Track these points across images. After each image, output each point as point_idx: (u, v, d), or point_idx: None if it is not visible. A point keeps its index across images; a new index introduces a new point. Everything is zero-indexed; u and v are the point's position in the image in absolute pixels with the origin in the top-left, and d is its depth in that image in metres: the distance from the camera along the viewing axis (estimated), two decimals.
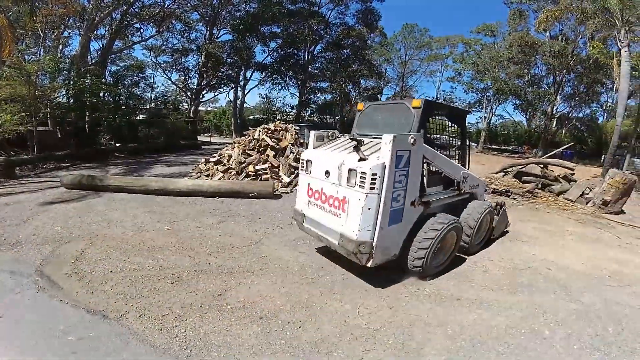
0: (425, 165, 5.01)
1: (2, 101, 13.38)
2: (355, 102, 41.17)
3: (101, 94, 19.46)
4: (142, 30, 26.20)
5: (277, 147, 10.83)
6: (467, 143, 6.39)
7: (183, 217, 7.05)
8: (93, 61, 21.29)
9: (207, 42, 29.76)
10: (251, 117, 40.53)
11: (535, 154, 30.38)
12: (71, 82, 17.33)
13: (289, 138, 11.13)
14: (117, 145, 19.30)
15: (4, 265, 4.67)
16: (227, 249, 5.43)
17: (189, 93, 31.79)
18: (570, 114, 36.61)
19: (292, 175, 10.17)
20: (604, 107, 39.39)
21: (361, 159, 4.12)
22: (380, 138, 4.17)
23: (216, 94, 36.02)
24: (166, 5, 24.64)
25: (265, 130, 11.41)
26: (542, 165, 13.31)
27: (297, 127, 13.08)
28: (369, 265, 4.23)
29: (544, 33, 30.95)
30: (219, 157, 11.27)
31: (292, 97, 38.45)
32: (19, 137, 14.21)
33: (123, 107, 20.67)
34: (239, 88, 34.62)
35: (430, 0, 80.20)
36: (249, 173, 9.97)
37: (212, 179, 10.22)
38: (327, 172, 4.53)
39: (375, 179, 3.96)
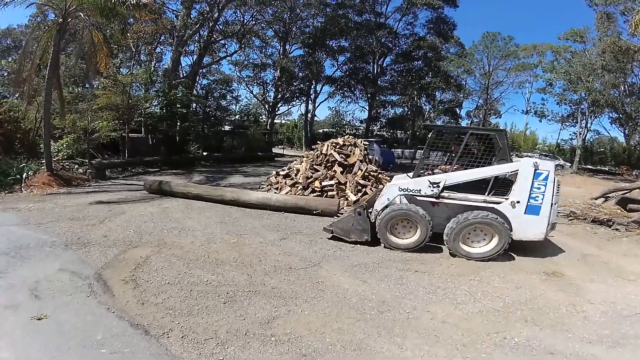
0: None
1: (99, 109, 15.16)
2: (429, 116, 39.58)
3: (192, 106, 21.21)
4: (226, 46, 28.87)
5: (345, 163, 10.62)
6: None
7: (249, 231, 7.15)
8: (185, 75, 23.41)
9: (281, 57, 31.19)
10: (320, 131, 41.12)
11: (637, 176, 26.07)
12: (163, 94, 19.13)
13: (357, 154, 10.87)
14: (204, 153, 20.83)
15: (69, 264, 5.00)
16: (284, 269, 5.27)
17: (266, 106, 33.53)
18: None
19: (359, 194, 9.86)
20: None
21: None
22: None
23: (289, 107, 37.55)
24: (245, 21, 26.43)
25: (334, 145, 11.29)
26: None
27: (367, 142, 12.80)
28: None
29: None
30: (288, 171, 11.42)
31: (361, 111, 38.13)
32: (113, 142, 16.03)
33: (212, 118, 22.29)
34: (309, 101, 35.49)
35: (507, 7, 74.30)
36: (315, 189, 9.90)
37: (280, 192, 10.39)
38: None
39: None
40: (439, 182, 6.20)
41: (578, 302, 4.70)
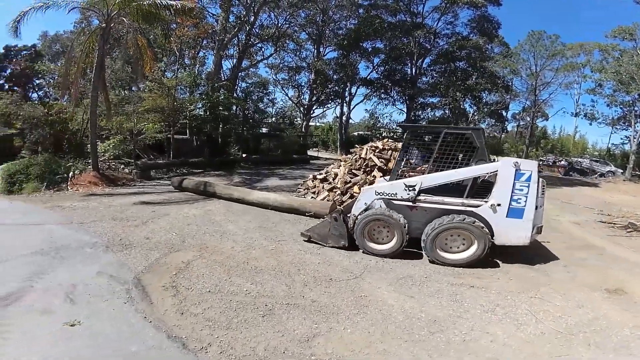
0: None
1: (145, 111, 15.71)
2: (473, 118, 37.96)
3: (232, 108, 21.68)
4: (263, 49, 29.46)
5: (385, 168, 10.23)
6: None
7: (287, 237, 6.98)
8: (226, 78, 24.02)
9: (316, 59, 31.17)
10: (355, 134, 40.66)
11: None
12: (206, 96, 19.60)
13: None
14: (243, 155, 21.21)
15: (108, 267, 4.96)
16: (324, 280, 5.01)
17: (301, 109, 33.70)
18: None
19: None
20: None
21: None
22: None
23: (324, 109, 37.51)
24: (279, 24, 26.73)
25: (373, 149, 10.91)
26: None
27: None
28: None
29: None
30: (325, 175, 11.20)
31: (399, 113, 37.20)
32: (158, 144, 16.57)
33: (251, 120, 22.67)
34: (344, 104, 35.22)
35: (550, 5, 70.11)
36: (354, 194, 9.59)
37: (317, 197, 10.22)
38: None
39: None
40: (415, 185, 5.94)
41: None
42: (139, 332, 3.53)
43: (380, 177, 9.81)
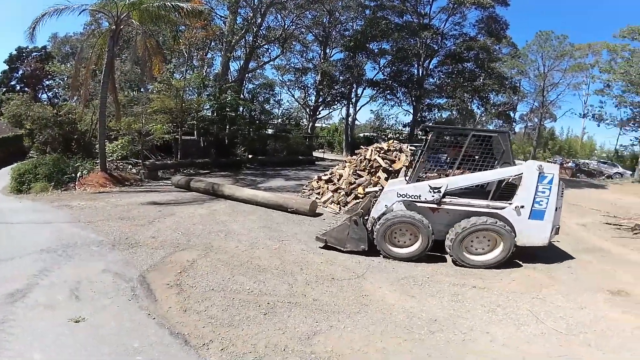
0: None
1: (153, 112, 15.89)
2: (480, 119, 37.70)
3: (239, 109, 21.81)
4: (269, 51, 29.48)
5: (390, 169, 10.23)
6: None
7: (291, 237, 7.03)
8: (233, 79, 24.19)
9: (322, 60, 31.25)
10: (361, 135, 40.62)
11: None
12: (214, 98, 19.75)
13: (403, 160, 10.41)
14: (250, 156, 21.34)
15: (114, 265, 5.04)
16: (327, 279, 5.05)
17: (307, 110, 33.80)
18: None
19: None
20: None
21: None
22: None
23: (330, 110, 37.53)
24: (286, 26, 26.88)
25: (378, 150, 10.91)
26: None
27: (413, 147, 12.30)
28: None
29: None
30: (330, 176, 11.22)
31: (405, 114, 37.06)
32: (166, 144, 16.74)
33: (257, 121, 22.81)
34: (350, 105, 35.21)
35: (558, 5, 69.32)
36: (358, 195, 9.62)
37: (322, 198, 10.26)
38: None
39: None
40: (441, 187, 5.86)
41: None
42: (142, 328, 3.57)
43: (385, 178, 9.84)
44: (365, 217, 6.39)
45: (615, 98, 33.59)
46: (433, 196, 5.91)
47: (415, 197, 6.01)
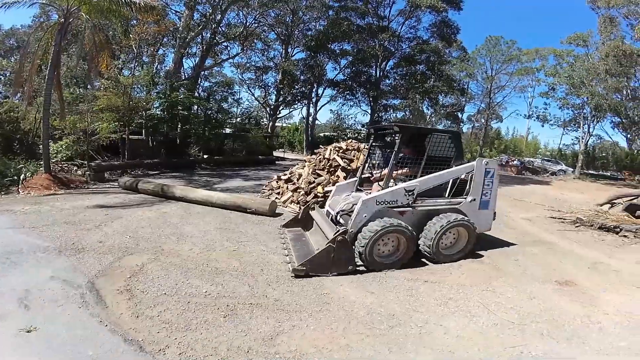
0: None
1: (99, 111, 15.01)
2: (430, 120, 39.32)
3: (193, 108, 21.05)
4: (229, 48, 28.88)
5: (349, 168, 10.39)
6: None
7: (251, 238, 6.90)
8: (187, 77, 23.30)
9: (283, 60, 31.11)
10: (322, 134, 40.96)
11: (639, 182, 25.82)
12: (164, 96, 18.96)
13: (361, 159, 10.63)
14: (205, 156, 20.68)
15: (61, 272, 4.75)
16: (287, 279, 5.02)
17: (268, 109, 33.45)
18: None
19: None
20: None
21: None
22: None
23: (291, 110, 37.48)
24: (248, 24, 26.45)
25: (337, 149, 11.05)
26: None
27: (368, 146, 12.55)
28: None
29: None
30: (289, 176, 11.18)
31: (363, 115, 37.90)
32: (113, 144, 15.84)
33: (213, 120, 22.17)
34: (311, 105, 35.39)
35: (510, 11, 74.25)
36: (317, 194, 9.66)
37: (281, 198, 10.20)
38: None
39: None
40: (413, 190, 6.03)
41: (593, 313, 4.51)
42: (95, 336, 3.43)
43: (344, 177, 9.94)
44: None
45: (559, 100, 36.30)
46: (408, 199, 6.00)
47: (393, 202, 5.92)
